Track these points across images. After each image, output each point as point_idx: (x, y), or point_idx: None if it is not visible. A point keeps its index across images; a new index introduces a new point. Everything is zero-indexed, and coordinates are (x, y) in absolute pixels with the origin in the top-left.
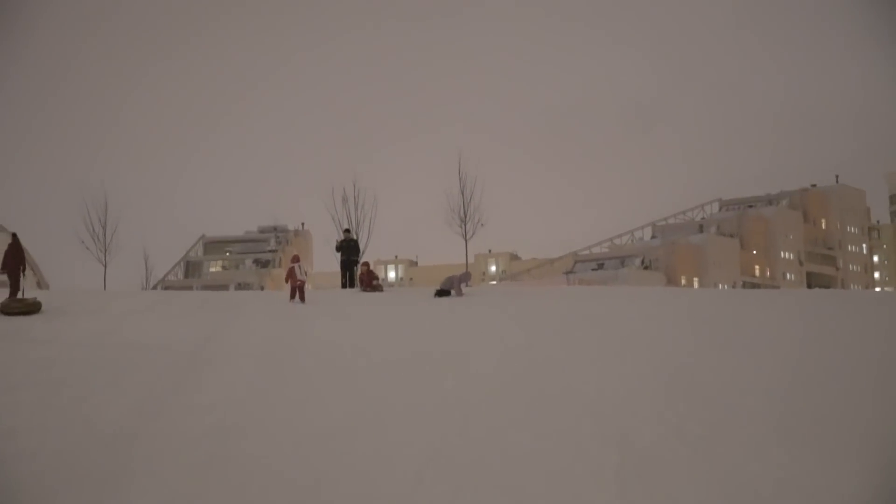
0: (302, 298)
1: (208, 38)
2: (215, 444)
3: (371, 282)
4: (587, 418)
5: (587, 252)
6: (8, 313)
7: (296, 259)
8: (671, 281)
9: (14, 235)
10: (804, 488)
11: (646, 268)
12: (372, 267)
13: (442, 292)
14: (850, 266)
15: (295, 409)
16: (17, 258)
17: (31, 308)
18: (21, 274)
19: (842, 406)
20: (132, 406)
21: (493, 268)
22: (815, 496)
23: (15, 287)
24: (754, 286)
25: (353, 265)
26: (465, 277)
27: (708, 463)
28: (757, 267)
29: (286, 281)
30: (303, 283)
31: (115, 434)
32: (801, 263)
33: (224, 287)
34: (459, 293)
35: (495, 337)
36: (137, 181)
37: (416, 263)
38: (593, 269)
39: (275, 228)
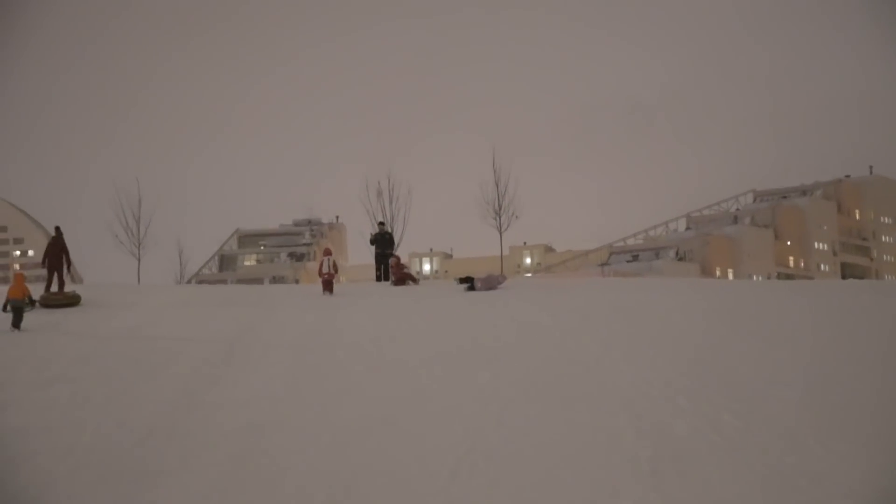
0: (330, 290)
1: (245, 31)
2: (251, 438)
3: (400, 274)
4: (622, 410)
5: (622, 244)
6: (48, 306)
7: (327, 252)
8: (706, 272)
9: (57, 229)
10: (841, 481)
11: (680, 259)
12: (405, 260)
13: (467, 282)
14: (885, 256)
15: (330, 403)
16: (59, 252)
17: (71, 301)
18: (65, 268)
19: (878, 398)
20: (167, 401)
21: (528, 260)
22: (852, 488)
23: (59, 280)
24: (788, 277)
25: (387, 258)
26: (501, 280)
27: (743, 455)
28: (791, 258)
29: (319, 274)
30: (331, 275)
31: (149, 429)
32: (834, 254)
33: (258, 281)
34: (488, 287)
35: (530, 330)
36: (172, 176)
37: (450, 256)
38: (628, 261)
39: (309, 222)
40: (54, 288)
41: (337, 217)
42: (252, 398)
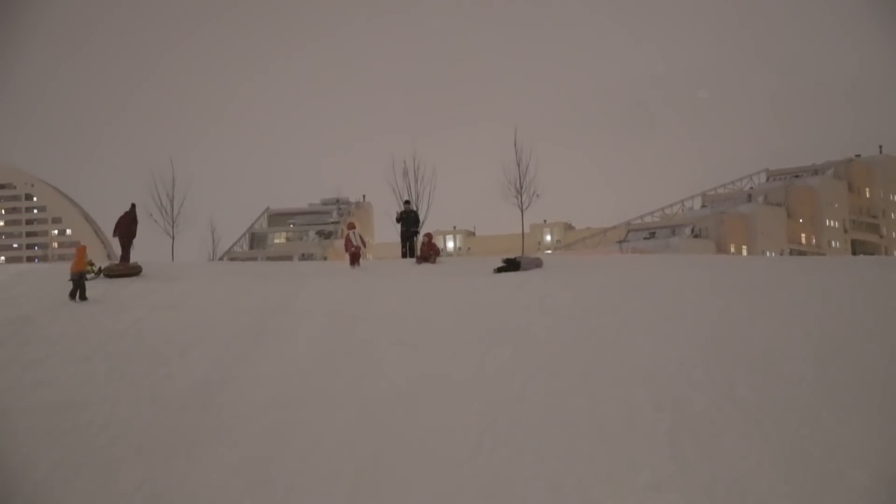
0: (356, 263)
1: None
2: (281, 411)
3: (429, 253)
4: (641, 384)
5: (639, 221)
6: (111, 276)
7: (352, 226)
8: (720, 249)
9: (133, 205)
10: (854, 452)
11: (696, 237)
12: (433, 238)
13: (508, 265)
14: (894, 233)
15: (358, 378)
16: (130, 225)
17: (133, 271)
18: (130, 241)
19: (888, 371)
20: (200, 376)
21: (548, 237)
22: (864, 460)
23: (125, 252)
24: (800, 253)
25: (412, 236)
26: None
27: (759, 427)
28: (803, 235)
29: (346, 248)
30: (357, 248)
31: (183, 403)
32: (845, 231)
33: (288, 258)
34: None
35: (551, 307)
36: (205, 156)
37: (473, 234)
38: (645, 238)
39: (337, 201)
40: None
41: (364, 196)
42: (283, 373)
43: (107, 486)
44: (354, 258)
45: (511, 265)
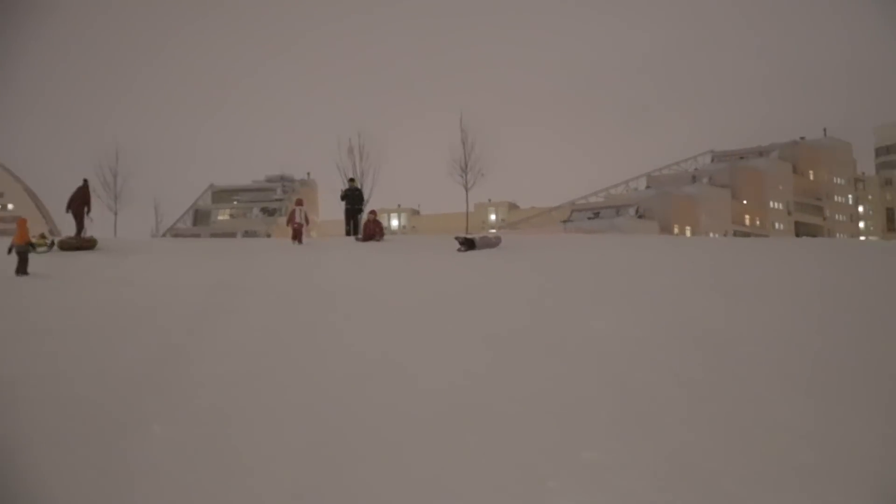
0: (299, 240)
1: None
2: (229, 389)
3: (374, 231)
4: (587, 363)
5: (584, 202)
6: (65, 248)
7: (299, 203)
8: (665, 230)
9: (85, 181)
10: (799, 432)
11: (640, 217)
12: (377, 216)
13: (466, 243)
14: (837, 216)
15: (309, 355)
16: (83, 200)
17: (87, 244)
18: (85, 215)
19: (837, 351)
20: (148, 353)
21: (493, 216)
22: (809, 439)
23: (79, 226)
24: (744, 235)
25: (357, 213)
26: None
27: (705, 406)
28: (747, 216)
29: (287, 224)
30: (301, 225)
31: (132, 381)
32: (789, 213)
33: (231, 235)
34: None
35: (499, 285)
36: (149, 133)
37: (418, 212)
38: (589, 218)
39: (281, 178)
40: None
41: (308, 174)
42: (231, 350)
43: (54, 464)
44: (297, 234)
45: (467, 244)
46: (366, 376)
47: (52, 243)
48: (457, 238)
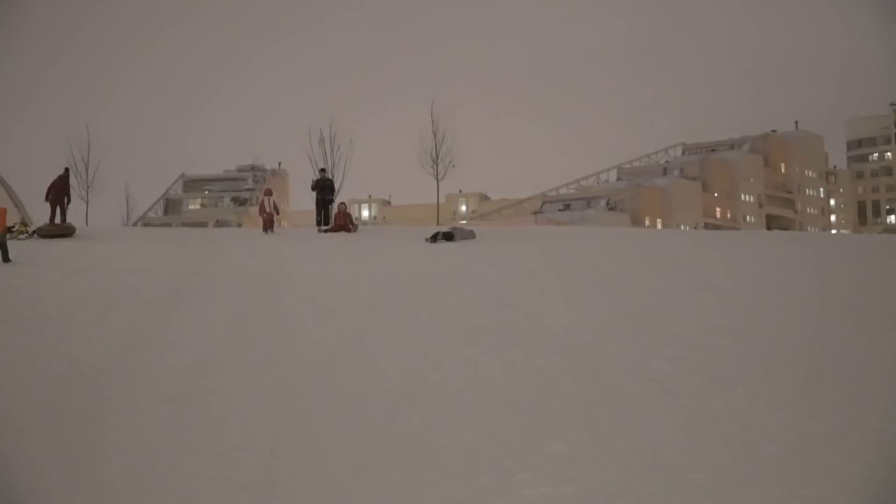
0: (270, 229)
1: None
2: (198, 378)
3: (344, 223)
4: (557, 355)
5: (555, 193)
6: (45, 236)
7: (268, 192)
8: (635, 222)
9: (66, 169)
10: (768, 425)
11: (611, 209)
12: (347, 208)
13: (444, 236)
14: (808, 209)
15: (275, 345)
16: (62, 189)
17: (66, 231)
18: (64, 204)
19: (802, 345)
20: (116, 341)
21: (464, 207)
22: (778, 433)
23: (61, 214)
24: (715, 227)
25: (328, 204)
26: (471, 235)
27: (674, 400)
28: (718, 209)
29: (260, 213)
30: (271, 215)
31: (99, 368)
32: (760, 206)
33: (202, 224)
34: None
35: (469, 277)
36: (119, 121)
37: (389, 203)
38: (560, 210)
39: (252, 168)
40: (56, 221)
41: (279, 163)
42: (199, 338)
43: (20, 451)
44: (267, 224)
45: (445, 237)
46: (332, 366)
47: (32, 232)
48: (433, 235)
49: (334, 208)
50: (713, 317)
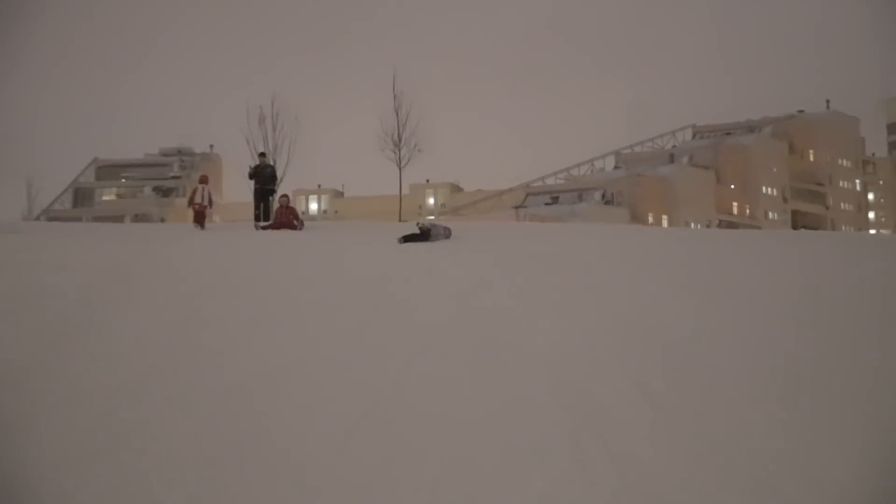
0: (201, 224)
1: None
2: (119, 397)
3: (287, 220)
4: (538, 373)
5: (540, 184)
6: None
7: (204, 180)
8: (636, 218)
9: None
10: (780, 451)
11: (607, 203)
12: (292, 201)
13: (416, 237)
14: (842, 204)
15: (210, 359)
16: None
17: None
18: None
19: (820, 362)
20: (28, 352)
21: (432, 200)
22: (794, 463)
23: None
24: (732, 225)
25: (268, 195)
26: (448, 232)
27: (674, 424)
28: (735, 204)
29: (188, 205)
30: (204, 207)
31: (20, 381)
32: (785, 200)
33: (119, 218)
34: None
35: (436, 280)
36: (20, 99)
37: (342, 194)
38: (547, 204)
39: (179, 151)
40: None
41: (211, 146)
42: (121, 350)
43: None
44: (199, 217)
45: (422, 235)
46: (277, 382)
47: None
48: (406, 235)
49: (275, 201)
50: (719, 329)
